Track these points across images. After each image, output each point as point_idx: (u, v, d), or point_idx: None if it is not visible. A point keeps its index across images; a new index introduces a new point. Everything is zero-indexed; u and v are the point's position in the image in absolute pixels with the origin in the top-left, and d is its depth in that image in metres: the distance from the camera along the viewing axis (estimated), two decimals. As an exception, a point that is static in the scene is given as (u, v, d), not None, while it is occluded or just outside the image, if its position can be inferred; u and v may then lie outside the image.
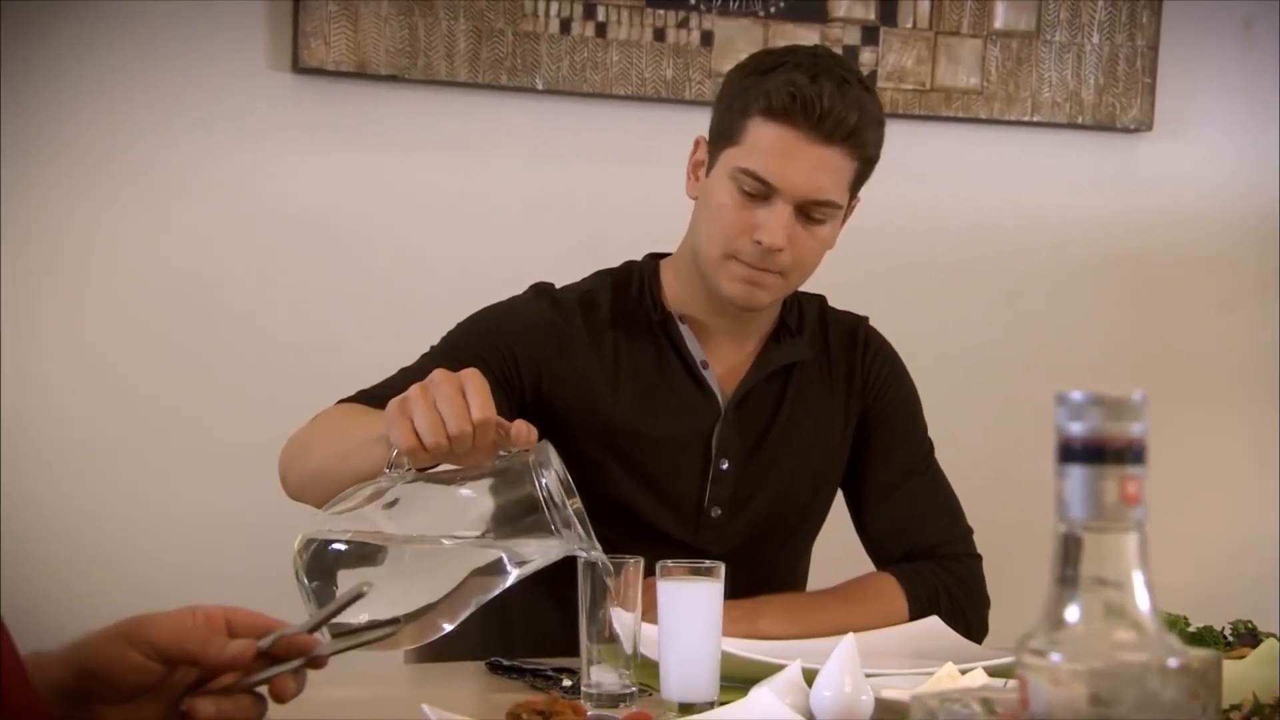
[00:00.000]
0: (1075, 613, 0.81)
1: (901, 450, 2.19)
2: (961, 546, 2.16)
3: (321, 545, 1.60)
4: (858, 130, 2.01)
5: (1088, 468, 0.81)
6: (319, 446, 1.91)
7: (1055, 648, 0.81)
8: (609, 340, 2.13)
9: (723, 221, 2.04)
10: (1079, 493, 0.81)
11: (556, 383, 2.09)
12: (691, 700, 1.69)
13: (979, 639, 2.08)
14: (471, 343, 2.10)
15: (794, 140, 2.00)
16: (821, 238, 2.06)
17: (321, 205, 2.86)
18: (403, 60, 2.83)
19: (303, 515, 2.10)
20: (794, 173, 2.00)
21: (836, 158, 2.01)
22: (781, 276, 2.05)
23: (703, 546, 2.09)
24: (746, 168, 2.01)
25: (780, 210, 2.01)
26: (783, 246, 2.01)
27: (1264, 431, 3.23)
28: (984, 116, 3.09)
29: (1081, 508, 0.81)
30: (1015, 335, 3.13)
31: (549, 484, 1.62)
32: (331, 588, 1.59)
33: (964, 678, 1.67)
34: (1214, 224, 3.20)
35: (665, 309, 2.15)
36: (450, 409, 1.65)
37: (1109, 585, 0.81)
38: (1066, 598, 0.81)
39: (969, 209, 3.10)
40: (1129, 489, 0.81)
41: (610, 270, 2.21)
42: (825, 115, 1.98)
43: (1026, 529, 2.23)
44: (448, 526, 1.65)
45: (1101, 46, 3.13)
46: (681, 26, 2.95)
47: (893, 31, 3.05)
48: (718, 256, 2.05)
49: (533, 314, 2.13)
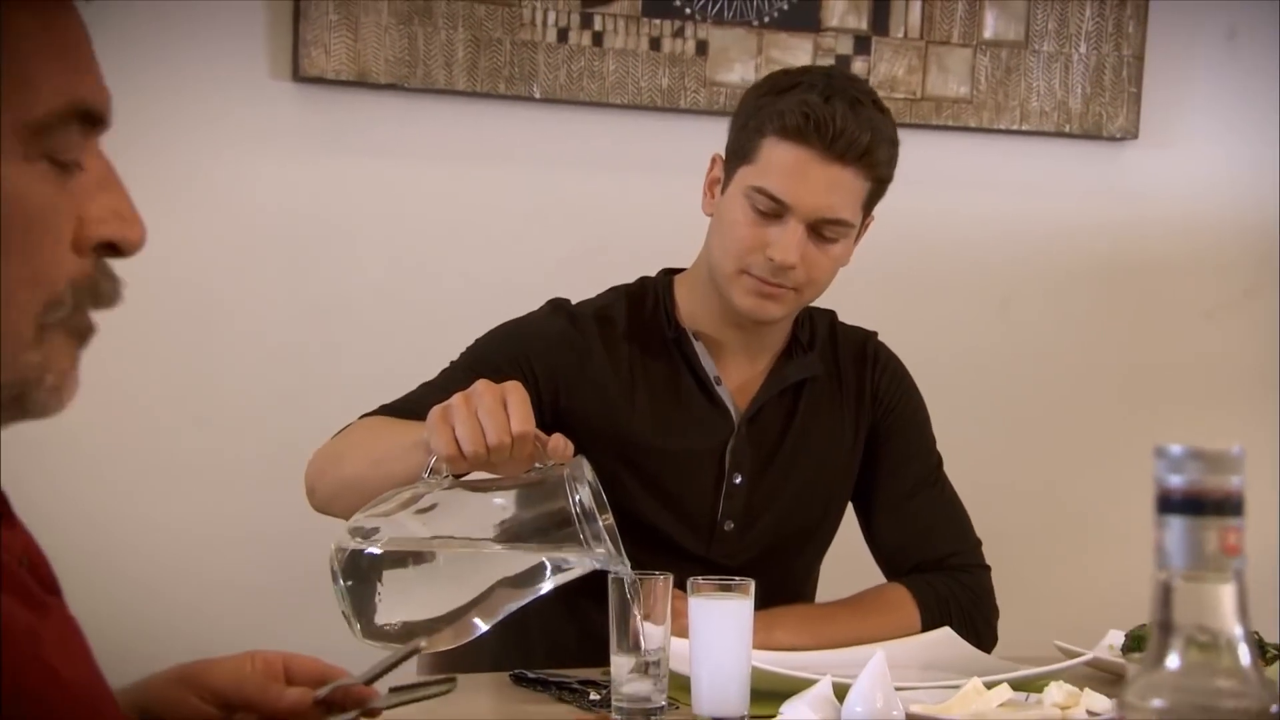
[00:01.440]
0: (1175, 660, 0.84)
1: (911, 464, 2.23)
2: (971, 558, 2.20)
3: (358, 547, 1.62)
4: (870, 150, 2.04)
5: (1187, 519, 0.84)
6: (353, 454, 1.94)
7: (1157, 694, 0.84)
8: (624, 355, 2.15)
9: (736, 237, 2.08)
10: (1178, 543, 0.84)
11: (574, 397, 2.12)
12: (723, 714, 1.72)
13: (989, 648, 2.12)
14: (492, 357, 2.13)
15: (807, 160, 2.03)
16: (834, 255, 2.10)
17: (322, 212, 2.87)
18: (402, 69, 2.84)
19: (304, 517, 2.14)
20: (807, 192, 2.04)
21: (849, 177, 2.05)
22: (795, 292, 2.09)
23: (715, 559, 2.13)
24: (760, 186, 2.05)
25: (793, 228, 2.04)
26: (795, 264, 2.05)
27: (1251, 437, 3.28)
28: (974, 125, 3.12)
29: (1181, 558, 0.84)
30: (1007, 342, 3.17)
31: (582, 498, 1.65)
32: (367, 589, 1.61)
33: (990, 693, 1.71)
34: (1200, 231, 3.25)
35: (679, 325, 2.18)
36: (491, 419, 1.68)
37: (1208, 634, 0.84)
38: (1167, 646, 0.84)
39: (960, 217, 3.13)
40: (1229, 540, 0.84)
41: (625, 286, 2.24)
42: (838, 135, 2.02)
43: (1016, 536, 2.29)
44: (482, 534, 1.68)
45: (1088, 56, 3.17)
46: (677, 36, 2.98)
47: (884, 41, 3.08)
48: (731, 272, 2.09)
49: (551, 329, 2.16)
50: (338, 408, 2.80)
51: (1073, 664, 1.89)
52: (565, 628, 2.13)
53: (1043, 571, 3.05)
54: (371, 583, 1.61)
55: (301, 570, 2.24)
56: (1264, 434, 3.26)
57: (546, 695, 1.89)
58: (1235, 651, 0.84)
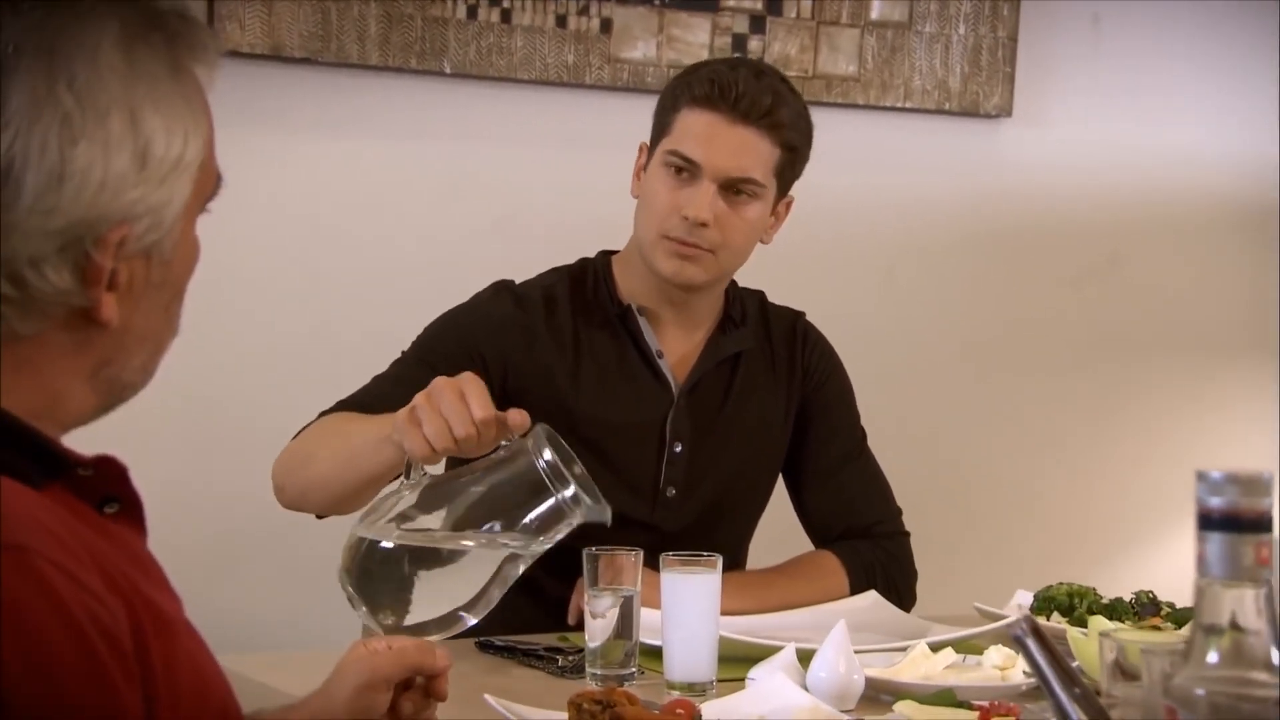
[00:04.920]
0: (1215, 656, 0.99)
1: (838, 438, 2.38)
2: (893, 525, 2.37)
3: (368, 550, 1.71)
4: (772, 111, 2.22)
5: (1226, 535, 0.99)
6: (322, 453, 2.03)
7: (1200, 685, 0.99)
8: (569, 333, 2.27)
9: (656, 203, 2.24)
10: (1218, 556, 1.00)
11: (522, 377, 2.23)
12: (693, 680, 1.86)
13: (909, 609, 2.29)
14: (442, 345, 2.24)
15: (715, 122, 2.22)
16: (748, 219, 2.24)
17: (236, 184, 2.90)
18: (316, 43, 2.90)
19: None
20: (715, 151, 2.21)
21: (754, 138, 2.22)
22: (711, 254, 2.23)
23: (659, 524, 2.26)
24: (674, 149, 2.23)
25: (705, 187, 2.21)
26: (707, 220, 2.20)
27: (1113, 397, 3.51)
28: (861, 103, 3.28)
29: (1220, 568, 1.00)
30: (891, 308, 3.34)
31: (547, 461, 1.76)
32: (377, 591, 1.71)
33: (935, 656, 1.87)
34: (1066, 203, 3.45)
35: (622, 302, 2.30)
36: (454, 413, 1.79)
37: (1244, 633, 0.99)
38: (1208, 644, 0.99)
39: (847, 189, 3.28)
40: (1261, 553, 0.99)
41: (567, 266, 2.35)
42: (741, 97, 2.21)
43: (904, 490, 2.45)
44: (475, 521, 1.78)
45: (967, 38, 3.34)
46: (582, 14, 3.07)
47: (778, 21, 3.21)
48: (654, 238, 2.24)
49: (497, 312, 2.26)
50: (247, 379, 2.88)
51: (998, 626, 2.06)
52: (514, 599, 2.23)
53: (951, 536, 3.24)
54: (387, 589, 1.70)
55: (320, 566, 2.29)
56: (1127, 390, 3.49)
57: (513, 661, 2.00)
58: (1267, 648, 0.99)
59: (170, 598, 1.13)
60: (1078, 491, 3.48)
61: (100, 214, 1.09)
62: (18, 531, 0.99)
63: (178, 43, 1.14)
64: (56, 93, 1.07)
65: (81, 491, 1.10)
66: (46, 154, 1.06)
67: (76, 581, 0.99)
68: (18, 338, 1.09)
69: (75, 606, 0.98)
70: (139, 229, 1.11)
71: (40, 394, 1.10)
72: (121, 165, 1.09)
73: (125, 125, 1.09)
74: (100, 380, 1.14)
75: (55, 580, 0.98)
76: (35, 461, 1.07)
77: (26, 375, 1.10)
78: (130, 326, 1.13)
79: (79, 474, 1.10)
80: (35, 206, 1.06)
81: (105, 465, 1.11)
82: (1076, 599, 2.19)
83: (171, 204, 1.13)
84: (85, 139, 1.07)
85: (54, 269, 1.08)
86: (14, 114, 1.05)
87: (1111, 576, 3.09)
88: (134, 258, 1.12)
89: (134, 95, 1.10)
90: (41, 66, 1.07)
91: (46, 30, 1.08)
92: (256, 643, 2.67)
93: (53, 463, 1.08)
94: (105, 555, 1.05)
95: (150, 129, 1.10)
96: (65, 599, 0.98)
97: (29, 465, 1.06)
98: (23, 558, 0.98)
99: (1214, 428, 3.54)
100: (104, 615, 1.00)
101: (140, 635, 1.03)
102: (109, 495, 1.12)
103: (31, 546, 0.98)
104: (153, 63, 1.12)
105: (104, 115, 1.08)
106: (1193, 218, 3.55)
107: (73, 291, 1.09)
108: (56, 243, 1.07)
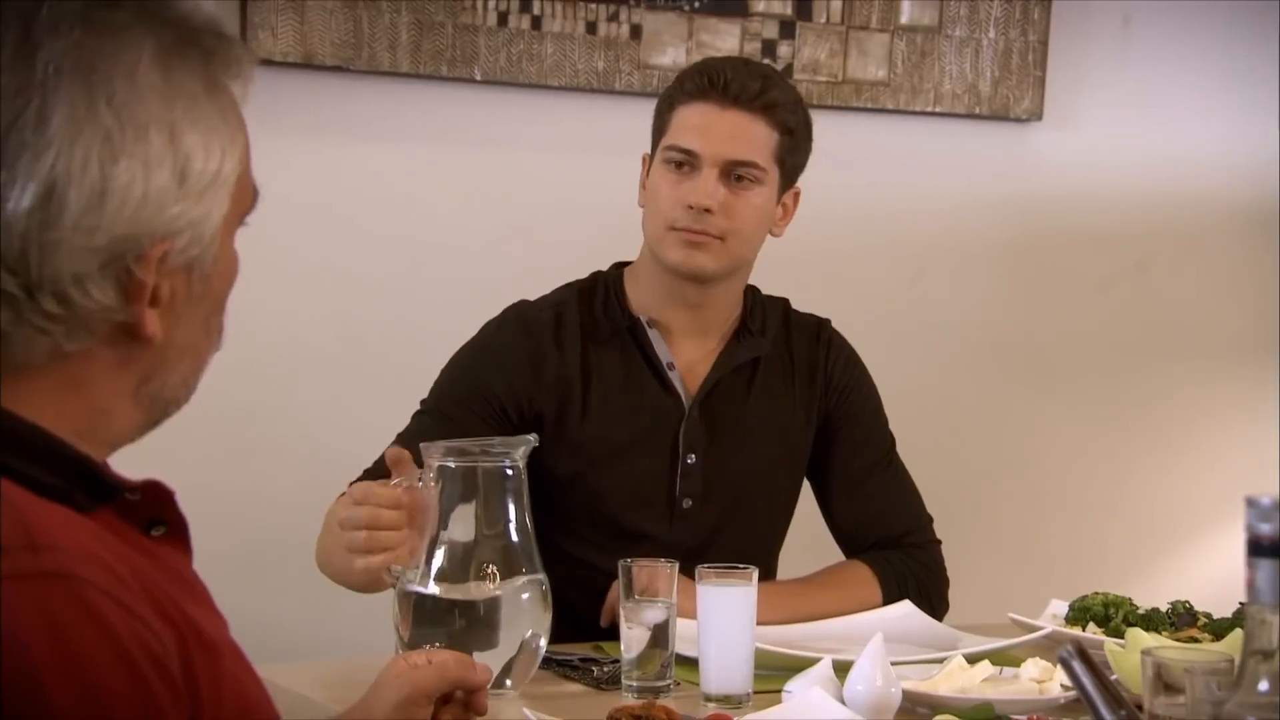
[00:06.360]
0: (1265, 684, 0.99)
1: (866, 448, 2.38)
2: (924, 534, 2.37)
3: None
4: (763, 93, 2.24)
5: (1276, 562, 0.99)
6: (324, 556, 2.09)
7: (1251, 712, 0.99)
8: (577, 352, 2.29)
9: (660, 199, 2.26)
10: (1269, 582, 0.99)
11: (535, 403, 2.27)
12: (729, 693, 1.86)
13: (941, 617, 2.29)
14: (454, 392, 2.28)
15: (708, 110, 2.25)
16: (754, 205, 2.25)
17: (268, 191, 2.91)
18: (347, 51, 2.91)
19: (298, 509, 2.23)
20: (711, 138, 2.24)
21: (749, 121, 2.24)
22: (720, 241, 2.24)
23: (677, 539, 2.26)
24: (672, 144, 2.26)
25: (706, 175, 2.23)
26: (711, 206, 2.22)
27: (1141, 398, 3.49)
28: (890, 107, 3.27)
29: (1270, 595, 0.99)
30: (920, 312, 3.33)
31: (434, 469, 1.87)
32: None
33: (972, 668, 1.86)
34: (1096, 207, 3.44)
35: (632, 314, 2.30)
36: (375, 523, 1.87)
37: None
38: (1260, 670, 0.99)
39: (877, 193, 3.28)
40: (1311, 580, 0.99)
41: (578, 282, 2.37)
42: (730, 82, 2.24)
43: (932, 496, 2.45)
44: (471, 565, 1.88)
45: (997, 41, 3.33)
46: (612, 20, 3.07)
47: (808, 26, 3.21)
48: (661, 232, 2.26)
49: (503, 345, 2.29)
50: (276, 385, 2.88)
51: (1035, 637, 2.06)
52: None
53: (983, 543, 3.23)
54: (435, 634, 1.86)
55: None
56: (1156, 394, 3.48)
57: (549, 672, 2.00)
58: (1317, 674, 0.99)
59: (215, 618, 1.13)
60: (1109, 497, 3.47)
61: (142, 230, 1.09)
62: (69, 561, 0.99)
63: (213, 59, 1.15)
64: (96, 111, 1.07)
65: (129, 515, 1.11)
66: (88, 172, 1.07)
67: (127, 610, 1.00)
68: (64, 356, 1.10)
69: (126, 635, 0.99)
70: (180, 244, 1.12)
71: (87, 413, 1.11)
72: (162, 181, 1.10)
73: (165, 142, 1.10)
74: (143, 396, 1.15)
75: (106, 609, 0.99)
76: (86, 487, 1.08)
77: (73, 394, 1.11)
78: (172, 341, 1.14)
79: (127, 498, 1.10)
80: (78, 224, 1.07)
81: (153, 489, 1.12)
82: (1112, 609, 2.18)
83: (211, 219, 1.14)
84: (126, 156, 1.08)
85: (97, 286, 1.08)
86: (55, 133, 1.06)
87: (1144, 582, 3.09)
88: (175, 273, 1.13)
89: (173, 112, 1.10)
90: (81, 86, 1.07)
91: (85, 49, 1.08)
92: (290, 650, 2.68)
93: (103, 488, 1.09)
94: (153, 580, 1.06)
95: (189, 145, 1.11)
96: (116, 628, 0.99)
97: (80, 491, 1.07)
98: (74, 587, 0.98)
99: (1246, 432, 3.52)
100: (153, 642, 1.01)
101: (187, 660, 1.04)
102: (156, 518, 1.13)
103: (82, 575, 0.99)
104: (189, 79, 1.12)
105: (144, 132, 1.09)
106: (1224, 222, 3.53)
107: (116, 308, 1.10)
108: (99, 259, 1.08)
